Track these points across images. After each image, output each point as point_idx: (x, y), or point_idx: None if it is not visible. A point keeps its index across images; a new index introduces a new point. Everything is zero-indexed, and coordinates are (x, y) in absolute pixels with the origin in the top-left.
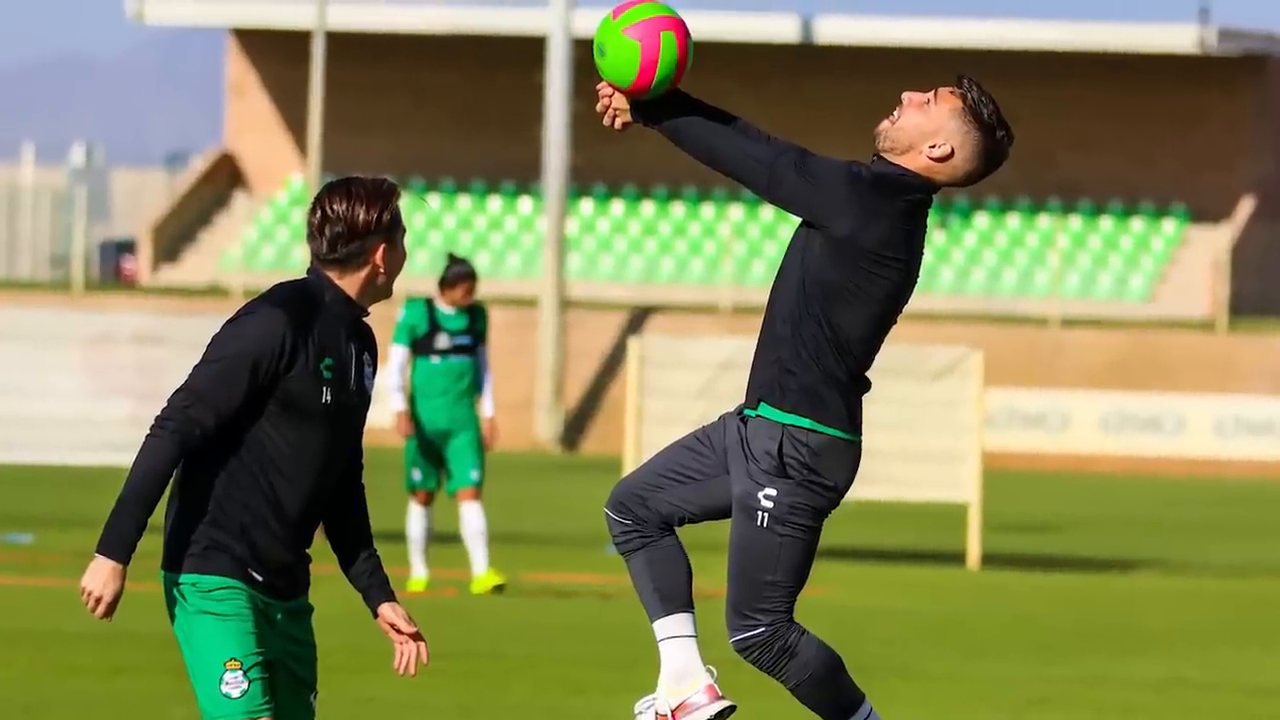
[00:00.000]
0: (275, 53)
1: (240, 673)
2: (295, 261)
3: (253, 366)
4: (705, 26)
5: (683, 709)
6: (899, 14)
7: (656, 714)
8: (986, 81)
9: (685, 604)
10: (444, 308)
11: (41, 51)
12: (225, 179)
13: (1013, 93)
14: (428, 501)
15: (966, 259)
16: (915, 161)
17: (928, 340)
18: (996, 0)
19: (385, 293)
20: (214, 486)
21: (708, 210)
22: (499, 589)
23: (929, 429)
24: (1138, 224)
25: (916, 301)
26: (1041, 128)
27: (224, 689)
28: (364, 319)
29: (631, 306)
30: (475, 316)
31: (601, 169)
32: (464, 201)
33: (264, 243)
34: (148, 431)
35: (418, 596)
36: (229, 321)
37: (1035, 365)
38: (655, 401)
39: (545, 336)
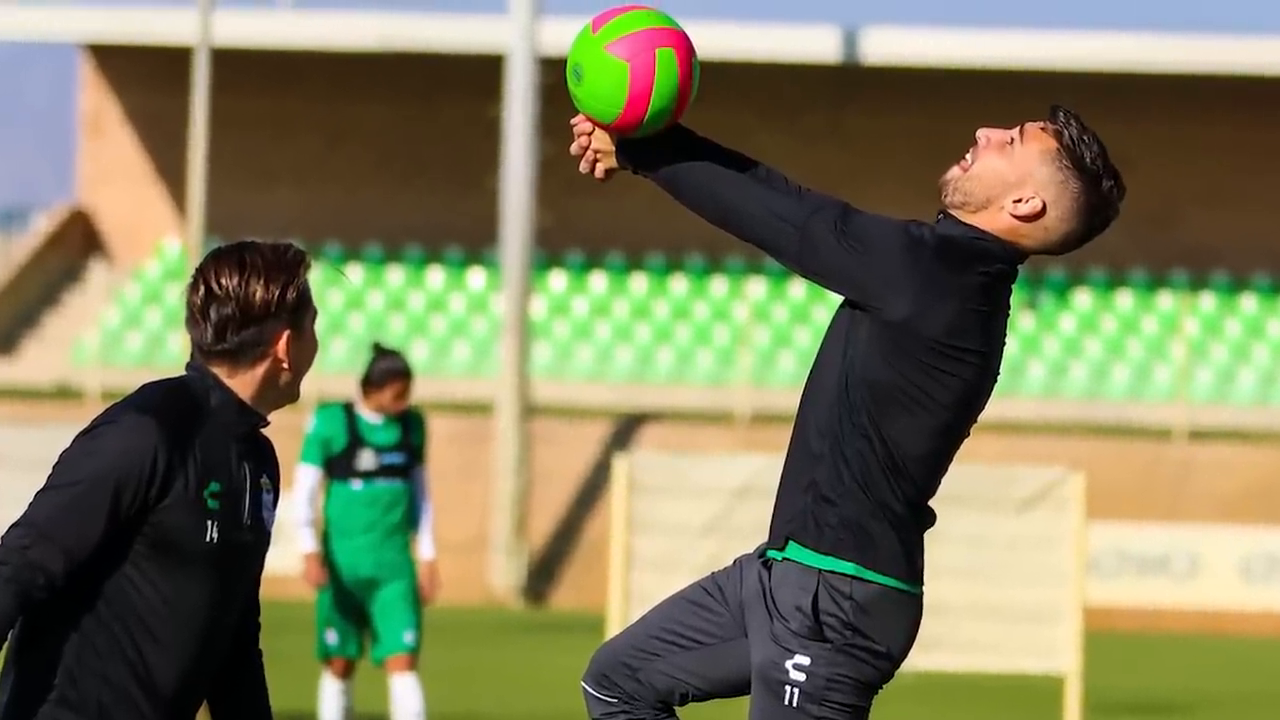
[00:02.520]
0: (144, 77)
1: None
2: (171, 354)
3: (114, 494)
4: (717, 43)
5: None
6: (970, 26)
7: None
8: (1089, 114)
9: None
10: (368, 416)
11: None
12: (78, 244)
13: (1124, 129)
14: (347, 672)
15: (1062, 350)
16: (995, 221)
17: (1011, 459)
18: (1101, 7)
19: (290, 395)
20: (63, 653)
21: (719, 286)
22: None
23: (1013, 576)
24: None
25: (996, 407)
26: (1163, 175)
27: None
28: (262, 430)
29: (617, 413)
30: (409, 427)
31: (578, 231)
32: (395, 274)
33: (129, 329)
34: None
35: None
36: (83, 434)
37: (1154, 492)
38: (649, 540)
39: (503, 454)
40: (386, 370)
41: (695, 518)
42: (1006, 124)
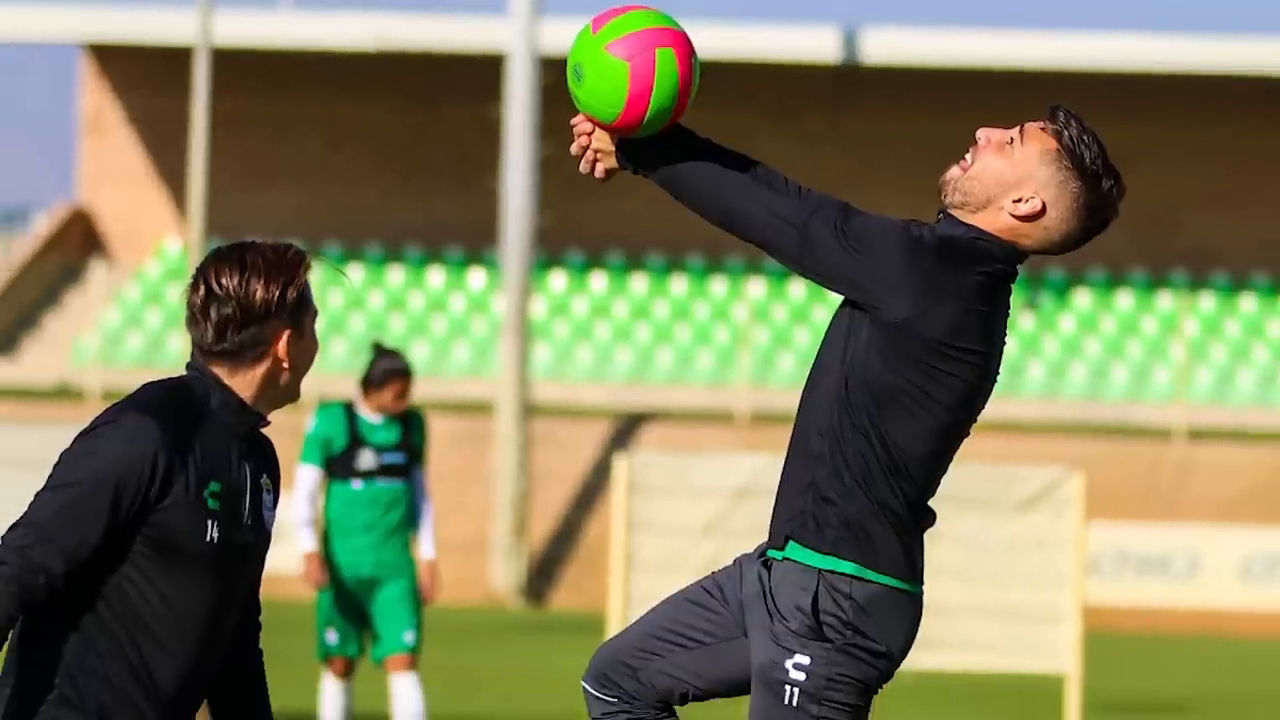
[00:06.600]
0: (144, 77)
1: None
2: (171, 354)
3: (114, 494)
4: (717, 43)
5: None
6: (970, 25)
7: None
8: (1090, 115)
9: None
10: (368, 416)
11: None
12: (78, 244)
13: (1124, 130)
14: (347, 672)
15: (1062, 351)
16: (995, 221)
17: (1011, 459)
18: (1100, 8)
19: (291, 395)
20: (63, 653)
21: (719, 286)
22: None
23: (1012, 577)
24: None
25: (996, 407)
26: (1163, 175)
27: None
28: (262, 430)
29: (617, 413)
30: (410, 427)
31: (578, 231)
32: (395, 274)
33: (129, 329)
34: None
35: None
36: (82, 434)
37: (1154, 492)
38: (649, 540)
39: (503, 454)
40: (387, 370)
41: (695, 518)
42: (1007, 124)
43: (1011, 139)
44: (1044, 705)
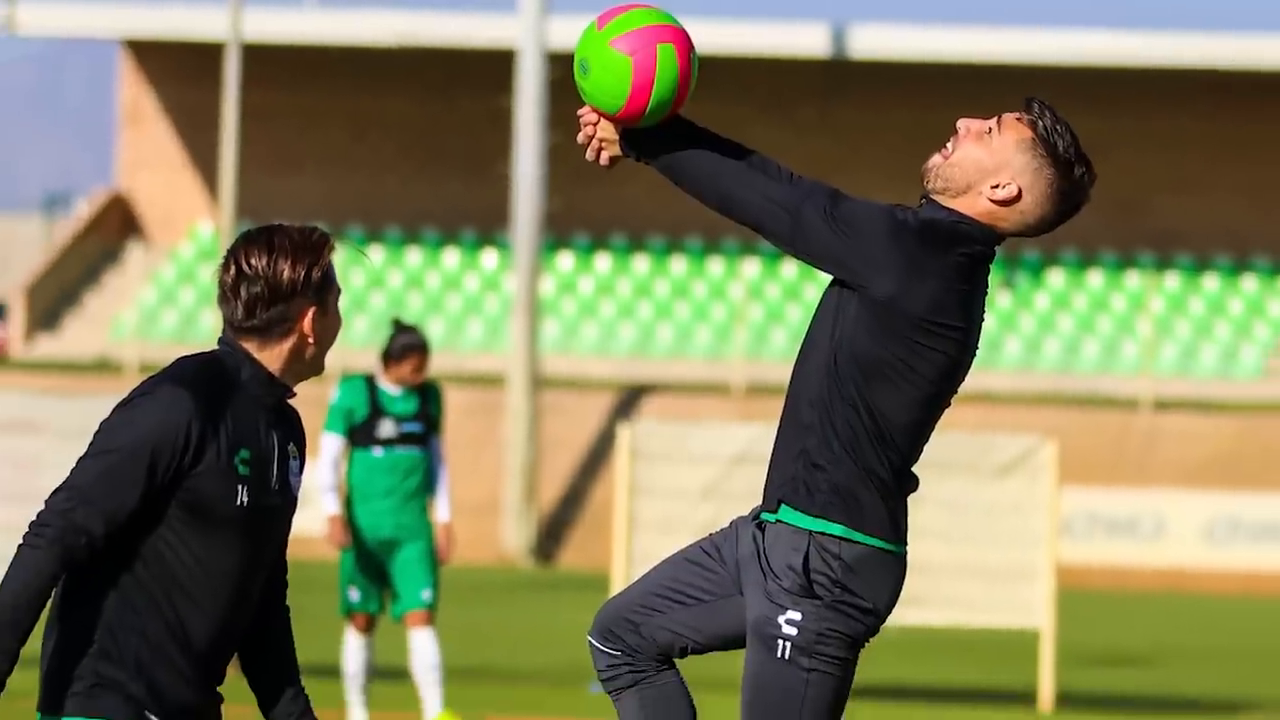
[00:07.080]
0: (179, 71)
1: None
2: (204, 330)
3: (150, 461)
4: (714, 39)
5: None
6: (952, 22)
7: None
8: (1062, 106)
9: None
10: (388, 387)
11: None
12: (116, 227)
13: (1096, 120)
14: (368, 628)
15: (1037, 327)
16: (974, 205)
17: (989, 428)
18: (1074, 6)
19: (315, 368)
20: (103, 610)
21: (715, 266)
22: None
23: (990, 538)
24: (1250, 283)
25: (975, 379)
26: (1132, 163)
27: None
28: (289, 401)
29: (621, 385)
30: (427, 398)
31: (584, 215)
32: (413, 255)
33: (164, 307)
34: (20, 541)
35: None
36: (121, 405)
37: (1122, 459)
38: (650, 504)
39: (514, 423)
40: (405, 345)
41: (694, 483)
42: (986, 115)
43: (990, 129)
44: (1020, 658)
